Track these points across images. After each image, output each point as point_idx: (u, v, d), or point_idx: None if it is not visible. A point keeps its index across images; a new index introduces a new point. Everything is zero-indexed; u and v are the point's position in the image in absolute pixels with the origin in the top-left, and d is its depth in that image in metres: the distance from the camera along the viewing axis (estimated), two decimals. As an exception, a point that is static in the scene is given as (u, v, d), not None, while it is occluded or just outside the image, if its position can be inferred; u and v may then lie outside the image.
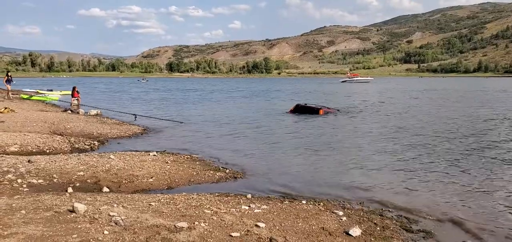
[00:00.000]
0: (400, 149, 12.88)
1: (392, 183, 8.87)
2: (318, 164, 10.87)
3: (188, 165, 10.01)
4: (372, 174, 9.66)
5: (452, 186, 8.65)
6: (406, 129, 17.54)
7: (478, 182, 8.97)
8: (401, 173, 9.81)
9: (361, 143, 14.16)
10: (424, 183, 8.84)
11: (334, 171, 10.08)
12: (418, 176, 9.49)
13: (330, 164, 10.91)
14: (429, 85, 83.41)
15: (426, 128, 18.04)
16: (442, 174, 9.67)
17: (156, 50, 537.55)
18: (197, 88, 67.08)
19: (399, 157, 11.64)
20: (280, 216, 6.26)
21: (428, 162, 10.94)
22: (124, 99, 38.64)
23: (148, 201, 6.60)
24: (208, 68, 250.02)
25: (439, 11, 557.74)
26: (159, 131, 16.52)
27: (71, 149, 11.86)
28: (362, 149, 13.12)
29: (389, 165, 10.67)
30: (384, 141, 14.50)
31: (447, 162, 10.99)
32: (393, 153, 12.26)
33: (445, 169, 10.16)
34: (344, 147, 13.46)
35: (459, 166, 10.50)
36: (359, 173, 9.86)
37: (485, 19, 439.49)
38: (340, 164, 10.97)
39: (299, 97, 40.42)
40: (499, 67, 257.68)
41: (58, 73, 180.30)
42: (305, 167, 10.53)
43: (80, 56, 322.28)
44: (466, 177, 9.34)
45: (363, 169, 10.21)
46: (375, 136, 15.72)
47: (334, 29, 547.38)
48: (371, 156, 11.85)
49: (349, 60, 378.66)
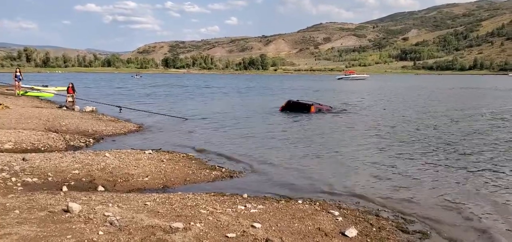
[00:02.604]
0: (395, 148, 12.87)
1: (387, 182, 8.85)
2: (314, 163, 10.86)
3: (184, 164, 9.97)
4: (367, 173, 9.65)
5: (449, 186, 8.62)
6: (402, 127, 17.55)
7: (476, 182, 8.93)
8: (396, 172, 9.79)
9: (357, 142, 14.16)
10: (420, 183, 8.83)
11: (330, 170, 10.06)
12: (414, 175, 9.48)
13: (326, 163, 10.90)
14: (425, 82, 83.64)
15: (422, 126, 18.04)
16: (438, 173, 9.66)
17: (152, 46, 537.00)
18: (191, 85, 66.99)
19: (394, 156, 11.63)
20: (276, 216, 6.24)
21: (424, 162, 10.91)
22: (115, 95, 38.50)
23: (143, 200, 6.56)
24: (204, 64, 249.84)
25: (435, 9, 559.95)
26: (154, 128, 16.47)
27: (66, 147, 11.79)
28: (357, 147, 13.11)
29: (385, 164, 10.64)
30: (380, 139, 14.50)
31: (444, 161, 10.97)
32: (388, 152, 12.25)
33: (441, 168, 10.14)
34: (340, 146, 13.43)
35: (457, 165, 10.47)
36: (355, 172, 9.85)
37: (480, 17, 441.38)
38: (336, 163, 10.96)
39: (295, 94, 40.34)
40: (494, 65, 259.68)
41: (54, 69, 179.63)
42: (301, 166, 10.50)
43: (76, 52, 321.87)
44: (463, 177, 9.32)
45: (359, 168, 10.20)
46: (370, 134, 15.71)
47: (330, 26, 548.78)
48: (366, 155, 11.83)
49: (345, 57, 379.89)
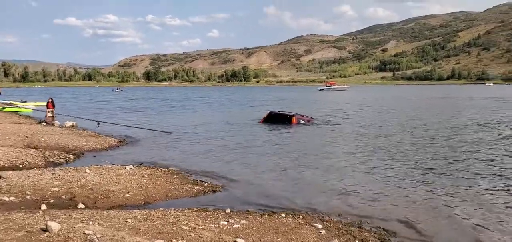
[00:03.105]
0: (377, 159, 12.97)
1: (370, 194, 8.90)
2: (297, 175, 10.86)
3: (166, 179, 9.88)
4: (350, 185, 9.68)
5: (431, 197, 8.65)
6: (383, 138, 17.71)
7: (459, 192, 8.99)
8: (378, 183, 9.86)
9: (339, 153, 14.23)
10: (402, 194, 8.88)
11: (312, 183, 10.08)
12: (396, 186, 9.54)
13: (308, 175, 10.91)
14: (404, 93, 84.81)
15: (403, 137, 18.24)
16: (420, 184, 9.73)
17: (133, 59, 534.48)
18: (172, 98, 66.67)
19: (376, 167, 11.70)
20: (259, 231, 6.22)
21: (405, 173, 10.99)
22: (94, 109, 38.07)
23: (124, 217, 6.46)
24: (186, 77, 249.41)
25: (413, 20, 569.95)
26: (135, 142, 16.30)
27: (46, 163, 11.57)
28: (339, 158, 13.19)
29: (366, 175, 10.72)
30: (361, 150, 14.60)
31: (425, 172, 11.05)
32: (370, 163, 12.34)
33: (423, 179, 10.20)
34: (322, 157, 13.48)
35: (438, 176, 10.57)
36: (337, 184, 9.86)
37: (457, 28, 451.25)
38: (319, 175, 10.98)
39: (279, 106, 40.42)
40: (471, 75, 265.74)
41: (33, 84, 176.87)
42: (284, 178, 10.51)
43: (55, 66, 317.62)
44: (445, 188, 9.40)
45: (341, 180, 10.22)
46: (352, 145, 15.81)
47: (311, 38, 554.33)
48: (348, 166, 11.89)
49: (326, 68, 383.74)
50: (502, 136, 17.95)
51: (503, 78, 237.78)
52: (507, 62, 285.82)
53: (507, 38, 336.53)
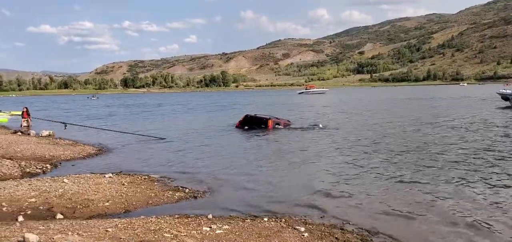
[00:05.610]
0: (357, 161, 13.07)
1: (351, 195, 8.95)
2: (277, 179, 10.84)
3: (146, 186, 9.76)
4: (330, 187, 9.72)
5: (412, 198, 8.71)
6: (362, 139, 17.86)
7: (441, 193, 9.03)
8: (359, 184, 9.92)
9: (317, 155, 14.27)
10: (383, 194, 8.97)
11: (293, 186, 10.09)
12: (377, 186, 9.63)
13: (289, 178, 10.94)
14: (382, 94, 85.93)
15: (382, 137, 18.43)
16: (401, 184, 9.83)
17: (110, 66, 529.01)
18: (149, 104, 66.07)
19: (356, 169, 11.79)
20: (242, 236, 6.19)
21: (386, 173, 11.09)
22: (67, 116, 37.46)
23: (104, 227, 6.35)
24: (165, 83, 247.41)
25: (388, 23, 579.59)
26: (114, 150, 16.08)
27: (22, 174, 11.30)
28: (317, 161, 13.25)
29: (347, 176, 10.77)
30: (340, 152, 14.70)
31: (406, 172, 11.16)
32: (349, 164, 12.42)
33: (403, 179, 10.31)
34: (301, 160, 13.51)
35: (419, 174, 10.72)
36: (318, 186, 9.88)
37: (431, 30, 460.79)
38: (299, 177, 11.02)
39: (257, 110, 40.33)
40: (446, 75, 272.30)
41: (7, 93, 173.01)
42: (264, 182, 10.48)
43: (30, 74, 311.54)
44: (425, 185, 9.54)
45: (322, 182, 10.26)
46: (330, 147, 15.89)
47: (288, 42, 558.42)
48: (327, 168, 11.94)
49: (305, 72, 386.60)
50: (471, 131, 18.33)
51: (476, 78, 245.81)
52: (480, 62, 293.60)
53: (479, 39, 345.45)
